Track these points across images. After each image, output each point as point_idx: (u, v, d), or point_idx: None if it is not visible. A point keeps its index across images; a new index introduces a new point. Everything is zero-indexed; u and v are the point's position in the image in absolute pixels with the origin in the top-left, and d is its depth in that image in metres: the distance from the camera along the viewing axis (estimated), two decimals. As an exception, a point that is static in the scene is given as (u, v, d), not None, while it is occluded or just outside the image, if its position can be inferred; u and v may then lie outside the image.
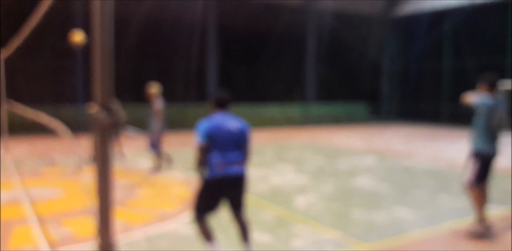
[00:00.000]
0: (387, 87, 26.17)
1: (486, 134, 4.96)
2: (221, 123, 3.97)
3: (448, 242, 4.80)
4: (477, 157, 4.99)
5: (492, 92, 5.02)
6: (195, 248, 4.46)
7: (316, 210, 6.00)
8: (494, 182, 8.22)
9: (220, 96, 4.17)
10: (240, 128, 4.05)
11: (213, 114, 4.09)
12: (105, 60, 1.78)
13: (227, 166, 3.92)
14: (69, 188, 7.23)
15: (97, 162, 1.84)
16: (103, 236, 1.91)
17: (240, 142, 4.04)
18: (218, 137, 3.90)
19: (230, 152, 3.95)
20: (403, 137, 16.58)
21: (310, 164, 9.92)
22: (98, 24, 1.73)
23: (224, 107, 4.14)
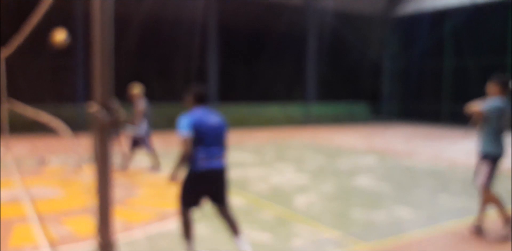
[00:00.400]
0: (387, 87, 26.16)
1: (496, 136, 4.97)
2: (203, 118, 4.01)
3: (447, 242, 4.81)
4: (489, 160, 4.97)
5: (504, 94, 5.03)
6: (195, 247, 4.47)
7: (316, 210, 6.00)
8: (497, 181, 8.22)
9: (199, 91, 4.19)
10: (219, 123, 4.13)
11: (193, 110, 4.11)
12: (105, 59, 1.78)
13: (210, 160, 4.00)
14: (69, 187, 7.24)
15: (96, 161, 1.85)
16: (103, 235, 1.92)
17: (220, 136, 4.13)
18: (201, 131, 3.94)
19: (212, 146, 4.02)
20: (404, 136, 16.58)
21: (311, 164, 9.92)
22: (98, 23, 1.73)
23: (204, 103, 4.17)
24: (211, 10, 20.01)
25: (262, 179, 8.11)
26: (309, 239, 4.78)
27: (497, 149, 4.96)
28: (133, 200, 6.51)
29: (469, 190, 7.41)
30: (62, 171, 8.67)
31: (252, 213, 5.79)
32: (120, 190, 7.00)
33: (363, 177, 8.34)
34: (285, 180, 8.01)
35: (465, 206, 6.33)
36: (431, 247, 4.64)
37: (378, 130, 19.51)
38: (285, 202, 6.40)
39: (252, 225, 5.27)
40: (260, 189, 7.24)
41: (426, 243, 4.77)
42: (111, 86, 1.82)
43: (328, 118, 23.31)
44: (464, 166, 9.90)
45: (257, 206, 6.16)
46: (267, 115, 21.76)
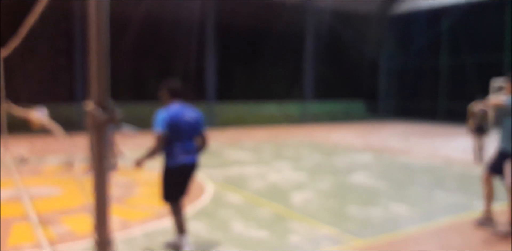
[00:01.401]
0: (384, 85, 26.21)
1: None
2: (180, 113, 4.02)
3: (443, 237, 4.83)
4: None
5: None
6: (195, 245, 4.48)
7: (313, 207, 6.02)
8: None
9: (173, 86, 4.17)
10: (196, 118, 4.15)
11: (170, 105, 4.11)
12: (101, 58, 1.79)
13: (186, 155, 4.06)
14: (67, 186, 7.24)
15: (93, 159, 1.85)
16: (100, 233, 1.93)
17: (196, 131, 4.16)
18: (178, 127, 3.96)
19: (188, 141, 4.07)
20: (400, 134, 16.62)
21: (308, 161, 9.94)
22: (94, 22, 1.74)
23: (179, 97, 4.15)
24: (209, 10, 20.00)
25: (259, 176, 8.13)
26: (305, 236, 4.80)
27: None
28: (132, 198, 6.52)
29: (464, 187, 7.45)
30: (60, 170, 8.66)
31: (250, 210, 5.81)
32: (118, 189, 7.01)
33: (360, 174, 8.37)
34: (282, 178, 8.03)
35: (461, 202, 6.36)
36: (426, 243, 4.67)
37: (374, 128, 19.54)
38: (282, 200, 6.41)
39: (249, 222, 5.28)
40: (257, 187, 7.26)
41: (422, 239, 4.79)
42: (107, 85, 1.83)
43: (325, 117, 23.34)
44: (459, 163, 9.93)
45: (254, 204, 6.18)
46: (265, 114, 21.78)
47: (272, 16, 21.90)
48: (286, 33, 23.00)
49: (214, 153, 11.15)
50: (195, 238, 4.64)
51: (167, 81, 4.21)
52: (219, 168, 8.96)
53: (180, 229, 4.15)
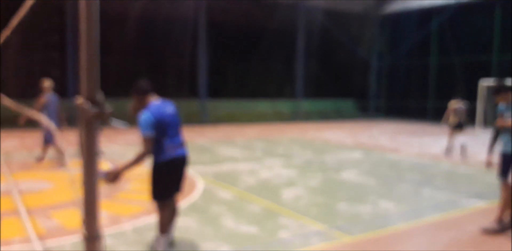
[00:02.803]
0: (375, 84, 26.32)
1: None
2: (161, 110, 3.96)
3: (430, 234, 4.87)
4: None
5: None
6: (184, 240, 4.47)
7: (303, 203, 6.03)
8: (479, 176, 8.35)
9: (139, 84, 4.07)
10: (175, 111, 4.13)
11: (149, 103, 3.99)
12: (91, 53, 1.77)
13: (177, 148, 4.02)
14: (57, 181, 7.18)
15: (83, 153, 1.84)
16: (89, 227, 1.91)
17: (179, 124, 4.14)
18: (164, 123, 3.91)
19: (175, 135, 4.04)
20: (390, 133, 16.72)
21: (298, 159, 9.96)
22: (84, 17, 1.72)
23: (151, 93, 4.07)
24: (201, 8, 19.92)
25: (250, 173, 8.13)
26: (295, 232, 4.81)
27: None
28: (122, 194, 6.49)
29: (452, 184, 7.51)
30: (50, 165, 8.59)
31: (240, 207, 5.81)
32: (109, 184, 6.97)
33: (350, 172, 8.40)
34: (273, 175, 8.03)
35: (448, 200, 6.41)
36: (415, 239, 4.70)
37: (365, 126, 19.63)
38: (273, 196, 6.42)
39: (240, 218, 5.29)
40: (248, 183, 7.26)
41: (410, 235, 4.83)
42: (98, 80, 1.81)
43: (317, 115, 23.40)
44: (447, 161, 10.02)
45: (245, 200, 6.18)
46: (257, 112, 21.77)
47: (264, 15, 21.89)
48: (278, 31, 23.00)
49: (205, 150, 11.13)
50: (185, 233, 4.63)
51: (137, 83, 4.11)
52: (210, 165, 8.94)
53: (162, 228, 4.02)
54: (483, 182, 7.77)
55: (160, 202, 4.03)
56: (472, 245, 4.52)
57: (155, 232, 4.73)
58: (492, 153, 5.32)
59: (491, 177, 8.21)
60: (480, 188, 7.26)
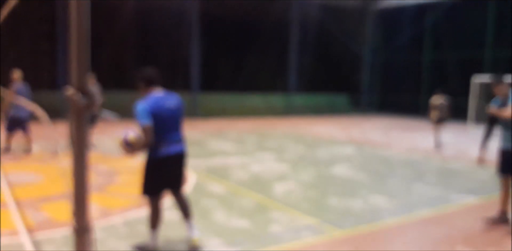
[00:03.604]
0: (368, 79, 26.37)
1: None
2: (160, 103, 3.79)
3: (420, 229, 4.91)
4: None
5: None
6: (173, 232, 4.47)
7: (294, 197, 6.05)
8: (471, 172, 8.42)
9: (148, 74, 3.91)
10: (177, 105, 3.94)
11: (149, 94, 3.86)
12: (81, 44, 1.75)
13: (171, 144, 3.86)
14: (48, 173, 7.14)
15: (73, 144, 1.82)
16: (78, 220, 1.90)
17: (179, 119, 3.97)
18: (160, 117, 3.75)
19: (172, 130, 3.88)
20: (382, 128, 16.79)
21: (291, 153, 9.98)
22: (74, 8, 1.71)
23: (156, 84, 3.91)
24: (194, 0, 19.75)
25: (242, 167, 8.14)
26: (287, 225, 4.83)
27: None
28: (113, 187, 6.46)
29: (443, 180, 7.58)
30: (41, 157, 8.53)
31: (232, 200, 5.82)
32: (99, 177, 6.94)
33: (341, 166, 8.44)
34: (265, 169, 8.05)
35: (440, 196, 6.47)
36: (405, 234, 4.74)
37: (357, 121, 19.70)
38: (265, 190, 6.43)
39: (232, 212, 5.29)
40: (240, 177, 7.27)
41: (401, 230, 4.87)
42: (88, 71, 1.79)
43: (309, 109, 23.42)
44: (438, 157, 10.09)
45: (236, 194, 6.18)
46: (249, 105, 21.74)
47: (258, 8, 21.78)
48: (272, 25, 22.91)
49: (197, 143, 11.11)
50: (177, 227, 4.63)
51: (140, 70, 3.95)
52: (202, 158, 8.93)
53: (151, 223, 3.98)
54: (474, 178, 7.84)
55: (149, 197, 3.95)
56: (462, 240, 4.57)
57: (145, 225, 4.73)
58: (485, 149, 5.36)
59: (482, 173, 8.29)
60: (471, 184, 7.33)
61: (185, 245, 4.15)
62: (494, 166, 5.37)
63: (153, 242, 3.98)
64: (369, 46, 26.02)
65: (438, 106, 11.22)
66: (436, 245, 4.38)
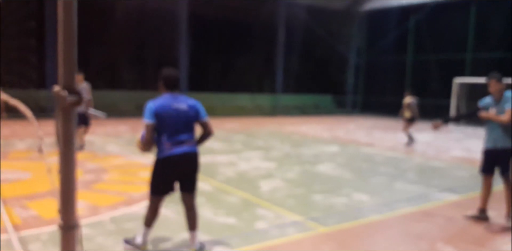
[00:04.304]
0: (352, 80, 26.54)
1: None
2: (168, 103, 3.77)
3: (402, 225, 4.97)
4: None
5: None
6: (161, 230, 4.45)
7: (280, 195, 6.07)
8: (451, 170, 8.53)
9: (168, 76, 3.89)
10: (187, 107, 3.85)
11: (162, 95, 3.88)
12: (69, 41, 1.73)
13: (176, 146, 3.78)
14: (36, 171, 7.04)
15: (60, 141, 1.80)
16: (65, 217, 1.89)
17: (189, 121, 3.87)
18: (165, 117, 3.73)
19: (178, 131, 3.80)
20: (366, 128, 16.93)
21: (277, 152, 10.00)
22: (62, 6, 1.69)
23: (173, 89, 3.89)
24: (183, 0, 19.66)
25: (230, 165, 8.13)
26: (272, 223, 4.84)
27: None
28: (101, 184, 6.41)
29: (424, 178, 7.67)
30: (28, 155, 8.42)
31: (219, 198, 5.81)
32: (88, 175, 6.87)
33: (326, 165, 8.49)
34: (252, 167, 8.05)
35: (421, 193, 6.54)
36: (387, 230, 4.79)
37: (342, 121, 19.83)
38: (251, 188, 6.44)
39: (219, 209, 5.29)
40: (227, 175, 7.26)
41: (383, 226, 4.91)
42: (75, 68, 1.78)
43: (296, 110, 23.51)
44: (420, 155, 10.21)
45: (223, 191, 6.18)
46: (237, 105, 21.73)
47: (246, 9, 21.78)
48: (259, 26, 22.94)
49: (185, 142, 11.06)
50: (164, 224, 4.61)
51: (162, 71, 3.93)
52: (189, 157, 8.89)
53: (145, 221, 3.92)
54: (454, 176, 7.95)
55: (152, 196, 3.91)
56: (442, 237, 4.63)
57: (133, 222, 4.70)
58: (447, 123, 5.29)
59: (462, 171, 8.42)
60: (451, 182, 7.43)
61: (172, 243, 4.13)
62: (473, 164, 5.46)
63: (144, 239, 3.95)
64: (354, 47, 26.20)
65: (409, 106, 11.59)
66: (417, 241, 4.43)
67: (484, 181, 5.25)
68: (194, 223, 3.95)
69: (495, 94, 5.05)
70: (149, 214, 3.92)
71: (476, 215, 5.25)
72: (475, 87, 17.35)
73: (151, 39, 19.60)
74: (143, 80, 20.32)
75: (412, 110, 11.55)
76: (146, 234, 3.93)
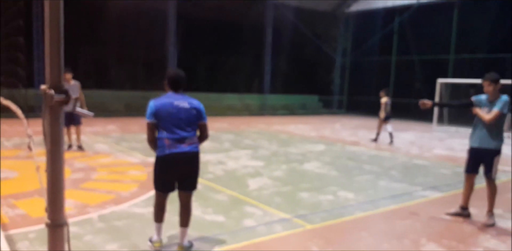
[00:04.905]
0: (338, 81, 26.67)
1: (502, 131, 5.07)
2: (169, 102, 3.77)
3: (386, 222, 5.01)
4: (499, 154, 5.05)
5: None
6: (150, 228, 4.42)
7: (268, 193, 6.08)
8: (434, 168, 8.62)
9: (172, 76, 3.89)
10: (188, 107, 3.83)
11: (166, 94, 3.90)
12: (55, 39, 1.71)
13: (176, 144, 3.76)
14: (22, 169, 6.95)
15: (47, 140, 1.78)
16: (53, 215, 1.87)
17: (191, 119, 3.84)
18: (165, 114, 3.73)
19: (179, 128, 3.78)
20: (352, 127, 17.03)
21: (265, 150, 10.01)
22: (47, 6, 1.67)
23: (177, 89, 3.89)
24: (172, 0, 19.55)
25: (218, 164, 8.11)
26: (260, 220, 4.85)
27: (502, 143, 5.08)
28: (90, 183, 6.34)
29: (407, 176, 7.74)
30: (15, 153, 8.30)
31: (208, 196, 5.79)
32: (77, 174, 6.80)
33: (313, 163, 8.52)
34: (240, 166, 8.05)
35: (405, 191, 6.61)
36: (372, 227, 4.82)
37: (328, 121, 19.92)
38: (239, 186, 6.44)
39: (207, 207, 5.28)
40: (216, 174, 7.25)
41: (367, 223, 4.95)
42: (62, 67, 1.76)
43: (283, 109, 23.58)
44: (404, 154, 10.30)
45: (212, 190, 6.16)
46: (225, 105, 21.70)
47: (235, 9, 21.73)
48: (248, 27, 22.92)
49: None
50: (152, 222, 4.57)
51: (168, 70, 3.96)
52: (178, 156, 8.85)
53: (154, 217, 3.98)
54: (437, 174, 8.04)
55: (155, 190, 3.97)
56: (425, 232, 4.68)
57: (121, 221, 4.67)
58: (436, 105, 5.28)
59: (445, 169, 8.52)
60: (434, 180, 7.51)
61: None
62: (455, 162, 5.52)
63: (157, 235, 3.96)
64: (340, 48, 26.34)
65: (385, 105, 12.04)
66: (401, 238, 4.48)
67: (466, 179, 5.29)
68: (186, 220, 3.96)
69: (489, 95, 5.05)
70: (154, 208, 3.98)
71: (457, 212, 5.32)
72: (458, 88, 17.57)
73: (140, 39, 19.45)
74: (132, 79, 20.17)
75: (387, 109, 12.01)
76: (157, 229, 3.97)
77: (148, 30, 19.12)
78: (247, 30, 23.10)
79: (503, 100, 4.93)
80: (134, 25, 18.91)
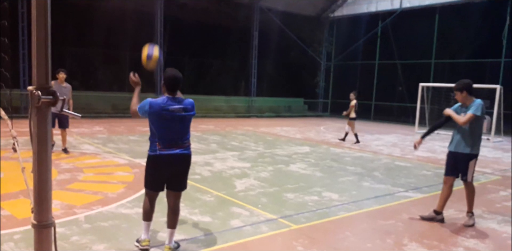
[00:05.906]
0: (323, 84, 26.83)
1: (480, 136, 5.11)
2: (164, 103, 3.71)
3: (369, 221, 5.05)
4: (476, 159, 5.08)
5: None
6: (136, 229, 4.38)
7: (254, 194, 6.07)
8: (416, 170, 8.72)
9: (170, 77, 3.81)
10: (183, 109, 3.78)
11: (162, 96, 3.83)
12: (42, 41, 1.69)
13: (167, 145, 3.72)
14: (7, 170, 6.82)
15: (33, 141, 1.75)
16: (39, 216, 1.83)
17: (184, 124, 3.82)
18: (159, 118, 3.68)
19: (171, 132, 3.75)
20: (336, 129, 17.14)
21: (251, 152, 10.01)
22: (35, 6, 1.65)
23: (174, 91, 3.81)
24: (159, 2, 19.45)
25: (205, 165, 8.08)
26: (247, 221, 4.84)
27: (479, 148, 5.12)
28: (77, 184, 6.25)
29: (390, 177, 7.81)
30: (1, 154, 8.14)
31: (195, 197, 5.76)
32: (64, 175, 6.70)
33: (298, 165, 8.54)
34: (227, 167, 8.03)
35: (387, 192, 6.67)
36: (355, 227, 4.85)
37: (313, 123, 20.02)
38: (226, 187, 6.42)
39: (194, 208, 5.25)
40: (203, 175, 7.22)
41: (351, 223, 4.98)
42: (49, 68, 1.73)
43: (269, 112, 23.63)
44: (387, 156, 10.40)
45: (199, 191, 6.13)
46: (212, 107, 21.66)
47: (222, 12, 21.73)
48: (235, 30, 22.94)
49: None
50: (140, 223, 4.53)
51: (165, 71, 3.89)
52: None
53: (142, 215, 3.93)
54: (419, 175, 8.13)
55: (145, 188, 3.96)
56: (408, 232, 4.73)
57: (108, 221, 4.61)
58: (423, 138, 5.39)
59: (427, 170, 8.62)
60: (416, 181, 7.60)
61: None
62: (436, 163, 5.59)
63: (145, 234, 3.92)
64: (325, 52, 26.52)
65: (354, 107, 12.63)
66: (384, 238, 4.51)
67: (445, 182, 5.26)
68: (174, 222, 3.91)
69: (461, 102, 5.11)
70: (143, 207, 3.94)
71: (430, 216, 5.24)
72: (438, 91, 17.81)
73: (127, 40, 19.30)
74: (118, 81, 19.99)
75: (356, 111, 12.65)
76: (145, 228, 3.93)
77: (135, 31, 18.97)
78: (234, 33, 23.11)
79: (477, 103, 4.97)
80: (121, 27, 18.76)
